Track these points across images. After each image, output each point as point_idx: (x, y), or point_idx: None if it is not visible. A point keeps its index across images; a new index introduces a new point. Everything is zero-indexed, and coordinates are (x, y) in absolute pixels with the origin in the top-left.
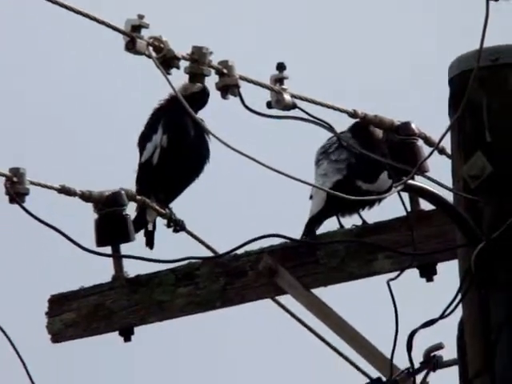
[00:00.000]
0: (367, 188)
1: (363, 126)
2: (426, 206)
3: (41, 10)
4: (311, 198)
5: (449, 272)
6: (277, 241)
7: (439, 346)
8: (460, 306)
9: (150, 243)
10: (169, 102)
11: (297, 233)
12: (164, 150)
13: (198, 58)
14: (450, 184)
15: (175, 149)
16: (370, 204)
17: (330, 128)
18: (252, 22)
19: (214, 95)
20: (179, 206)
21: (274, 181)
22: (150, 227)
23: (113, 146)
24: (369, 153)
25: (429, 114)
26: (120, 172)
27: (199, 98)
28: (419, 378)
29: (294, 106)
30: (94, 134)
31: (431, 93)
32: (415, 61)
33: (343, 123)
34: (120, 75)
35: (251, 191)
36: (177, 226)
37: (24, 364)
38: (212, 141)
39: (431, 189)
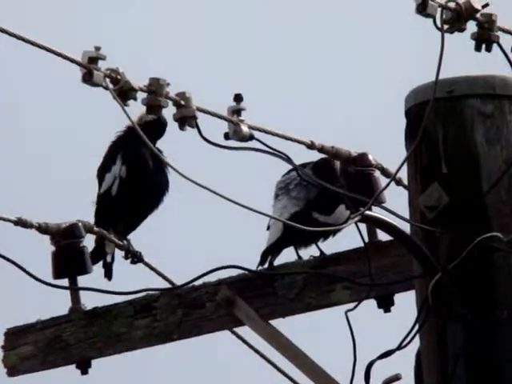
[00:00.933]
0: (324, 220)
1: (325, 164)
2: (383, 236)
3: None
4: (268, 228)
5: (406, 303)
6: (235, 272)
7: (397, 377)
8: (417, 336)
9: (108, 275)
10: (127, 134)
11: (255, 264)
12: (123, 180)
13: (156, 89)
14: (406, 215)
15: (134, 180)
16: (326, 235)
17: (287, 159)
18: (210, 53)
19: (172, 126)
20: (137, 238)
21: (231, 212)
22: (108, 259)
23: (70, 177)
24: (325, 183)
25: (385, 144)
26: (77, 204)
27: (155, 127)
28: None
29: (251, 138)
30: (50, 166)
31: (387, 124)
32: (371, 91)
33: (301, 155)
34: (77, 107)
35: (209, 223)
36: (134, 257)
37: None
38: (170, 172)
39: (388, 219)
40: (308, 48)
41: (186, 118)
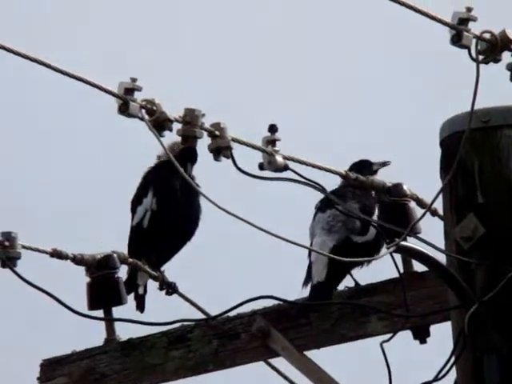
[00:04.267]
0: (362, 240)
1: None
2: (418, 267)
3: (33, 73)
4: (309, 256)
5: (442, 334)
6: (269, 303)
7: None
8: (454, 368)
9: (140, 307)
10: (159, 165)
11: (289, 295)
12: (154, 213)
13: (191, 120)
14: (442, 245)
15: (165, 212)
16: (362, 263)
17: (322, 190)
18: (244, 84)
19: (207, 157)
20: (171, 269)
21: (266, 242)
22: (140, 290)
23: (104, 208)
24: (364, 216)
25: (420, 175)
26: (112, 235)
27: (188, 154)
28: None
29: (286, 168)
30: (86, 197)
31: (423, 153)
32: (403, 122)
33: (336, 184)
34: (112, 137)
35: (243, 253)
36: (169, 288)
37: None
38: (203, 201)
39: (424, 250)
40: (341, 80)
41: (221, 149)
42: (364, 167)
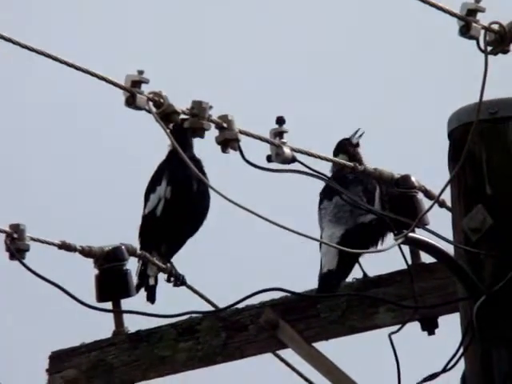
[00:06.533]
0: (369, 220)
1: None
2: (426, 258)
3: (40, 66)
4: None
5: (450, 325)
6: (278, 294)
7: None
8: (462, 359)
9: (151, 298)
10: (173, 155)
11: (298, 286)
12: (168, 201)
13: (198, 112)
14: (450, 237)
15: (179, 200)
16: (373, 244)
17: (329, 181)
18: (252, 76)
19: (215, 149)
20: (180, 261)
21: (274, 234)
22: (151, 282)
23: (113, 200)
24: (370, 207)
25: (428, 166)
26: (121, 226)
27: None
28: None
29: (293, 160)
30: (94, 189)
31: (430, 145)
32: (411, 114)
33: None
34: (121, 129)
35: (252, 245)
36: (177, 280)
37: None
38: (212, 193)
39: (432, 242)
40: (348, 71)
41: (229, 141)
42: (348, 146)
